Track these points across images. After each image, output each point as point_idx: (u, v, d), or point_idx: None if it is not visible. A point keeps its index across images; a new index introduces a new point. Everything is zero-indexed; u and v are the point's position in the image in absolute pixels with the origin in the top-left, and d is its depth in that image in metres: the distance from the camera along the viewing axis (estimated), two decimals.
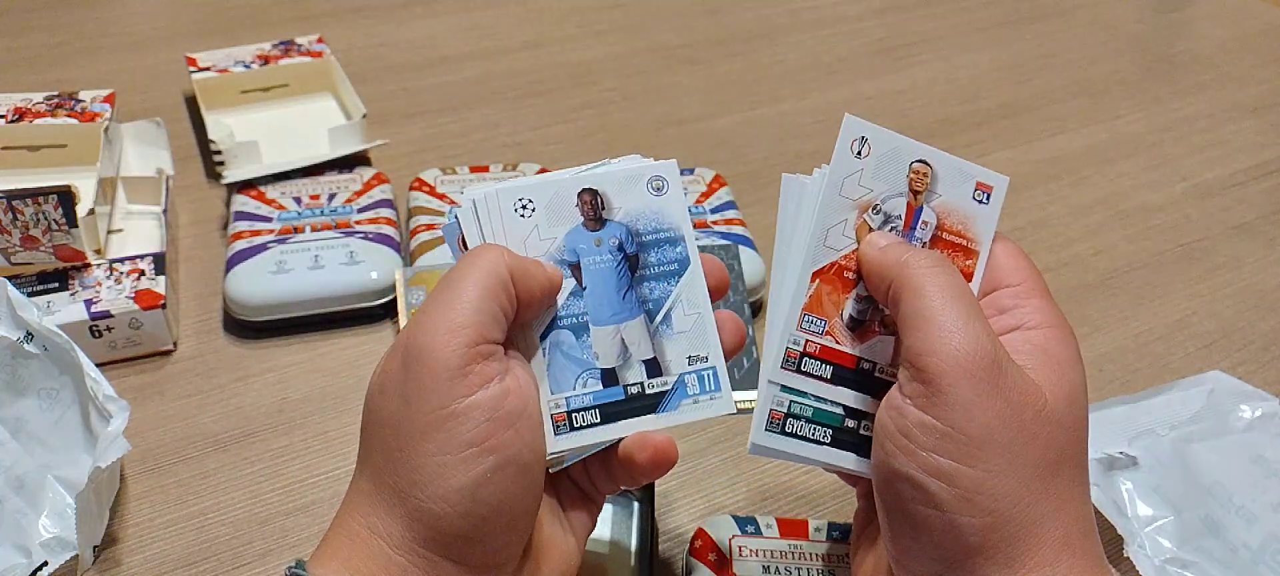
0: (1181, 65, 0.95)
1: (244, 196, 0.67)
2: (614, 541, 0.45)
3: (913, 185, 0.36)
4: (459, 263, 0.34)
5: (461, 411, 0.31)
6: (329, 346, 0.60)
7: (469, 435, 0.31)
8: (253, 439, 0.54)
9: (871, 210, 0.35)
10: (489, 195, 0.36)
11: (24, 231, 0.56)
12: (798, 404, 0.35)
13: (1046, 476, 0.31)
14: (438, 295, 0.33)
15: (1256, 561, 0.46)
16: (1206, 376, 0.53)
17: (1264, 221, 0.73)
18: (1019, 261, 0.36)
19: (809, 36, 0.99)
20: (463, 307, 0.32)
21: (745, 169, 0.77)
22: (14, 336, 0.49)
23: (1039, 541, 0.31)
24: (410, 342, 0.32)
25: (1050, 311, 0.34)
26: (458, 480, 0.31)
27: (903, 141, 0.36)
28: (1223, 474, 0.48)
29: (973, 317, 0.32)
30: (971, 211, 0.36)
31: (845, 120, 0.35)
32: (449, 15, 1.00)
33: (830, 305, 0.35)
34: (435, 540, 0.31)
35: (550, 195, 0.36)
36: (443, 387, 0.31)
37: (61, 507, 0.47)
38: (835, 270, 0.35)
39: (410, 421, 0.31)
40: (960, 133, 0.83)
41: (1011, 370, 0.32)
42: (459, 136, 0.81)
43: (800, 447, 0.35)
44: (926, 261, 0.33)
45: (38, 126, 0.67)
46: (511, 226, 0.36)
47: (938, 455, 0.31)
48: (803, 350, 0.35)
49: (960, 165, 0.36)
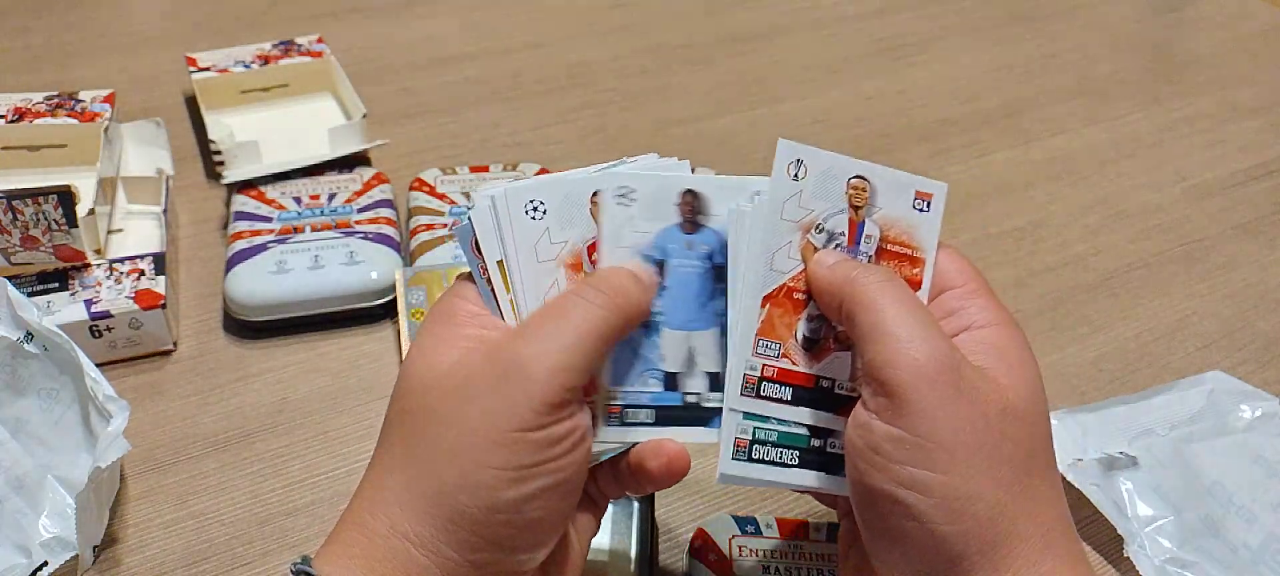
0: (1181, 65, 0.95)
1: (244, 196, 0.67)
2: (614, 542, 0.45)
3: (852, 201, 0.36)
4: (588, 291, 0.33)
5: (540, 441, 0.31)
6: (329, 346, 0.60)
7: (535, 458, 0.31)
8: (253, 439, 0.54)
9: (814, 229, 0.36)
10: (499, 195, 0.35)
11: (24, 231, 0.56)
12: (761, 429, 0.35)
13: (1020, 475, 0.31)
14: (557, 319, 0.32)
15: (1256, 561, 0.46)
16: (1206, 376, 0.53)
17: (1264, 221, 0.73)
18: (961, 264, 0.36)
19: (809, 36, 0.99)
20: (579, 351, 0.32)
21: (745, 169, 0.76)
22: (14, 336, 0.49)
23: (1020, 541, 0.31)
24: (515, 358, 0.32)
25: (996, 309, 0.35)
26: (510, 493, 0.31)
27: (837, 159, 0.36)
28: (1223, 474, 0.48)
29: (927, 326, 0.32)
30: (913, 220, 0.36)
31: (779, 145, 0.35)
32: (449, 15, 1.00)
33: (783, 327, 0.35)
34: (468, 543, 0.31)
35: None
36: (532, 417, 0.31)
37: (61, 507, 0.47)
38: (784, 292, 0.35)
39: (485, 431, 0.31)
40: (960, 133, 0.83)
41: (971, 372, 0.32)
42: (459, 136, 0.81)
43: (768, 472, 0.35)
44: (875, 276, 0.33)
45: (38, 126, 0.67)
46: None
47: (910, 466, 0.31)
48: (760, 375, 0.35)
49: (897, 177, 0.36)
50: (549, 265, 0.35)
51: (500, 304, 0.35)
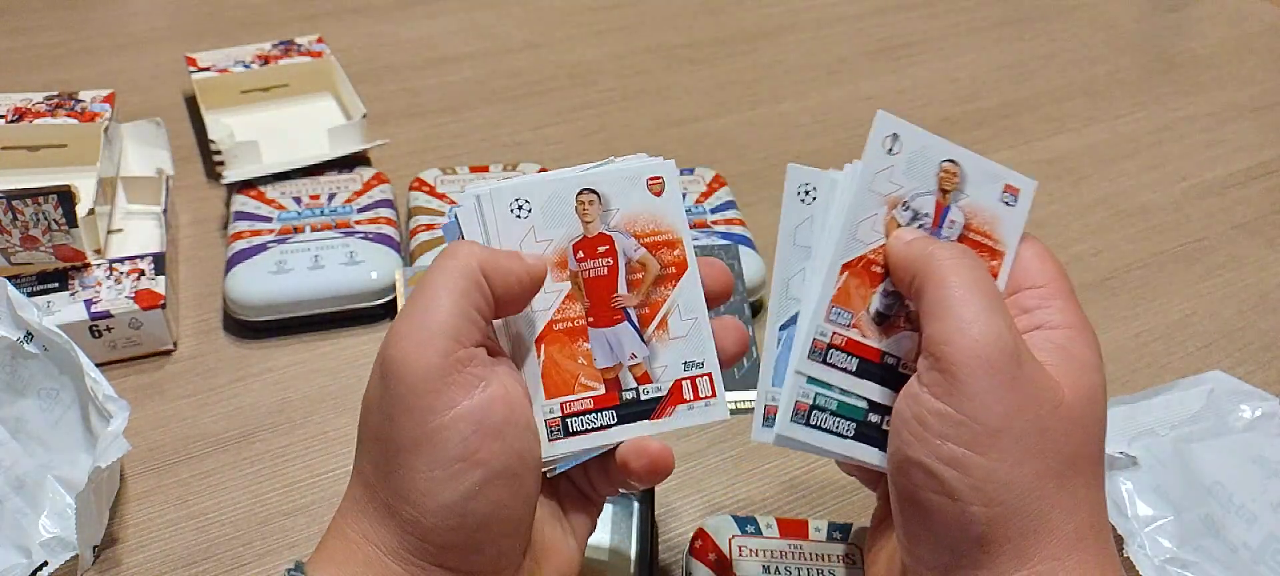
0: (1181, 65, 0.95)
1: (244, 196, 0.67)
2: (614, 542, 0.45)
3: (942, 184, 0.36)
4: (431, 264, 0.33)
5: (445, 425, 0.30)
6: (329, 346, 0.60)
7: (454, 450, 0.30)
8: (253, 439, 0.54)
9: (900, 206, 0.36)
10: (485, 195, 0.35)
11: (24, 231, 0.56)
12: (822, 396, 0.35)
13: (1061, 472, 0.31)
14: (411, 302, 0.32)
15: (1256, 561, 0.46)
16: (1206, 376, 0.53)
17: (1264, 221, 0.73)
18: (1046, 263, 0.36)
19: (809, 36, 0.99)
20: (435, 313, 0.31)
21: (745, 169, 0.77)
22: (14, 336, 0.49)
23: (1050, 536, 0.31)
24: (385, 355, 0.31)
25: (1073, 313, 0.34)
26: (446, 495, 0.30)
27: (933, 140, 0.36)
28: (1223, 474, 0.48)
29: (994, 310, 0.32)
30: (998, 213, 0.36)
31: (878, 116, 0.35)
32: (449, 15, 1.01)
33: (857, 298, 0.35)
34: (428, 551, 0.31)
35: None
36: (420, 401, 0.30)
37: (61, 507, 0.47)
38: (863, 264, 0.35)
39: (394, 438, 0.31)
40: (960, 133, 0.83)
41: (1030, 364, 0.31)
42: (459, 136, 0.81)
43: (824, 440, 0.35)
44: (951, 253, 0.33)
45: (38, 126, 0.67)
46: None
47: (951, 443, 0.31)
48: (829, 342, 0.35)
49: (989, 167, 0.36)
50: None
51: None
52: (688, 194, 0.68)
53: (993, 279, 0.34)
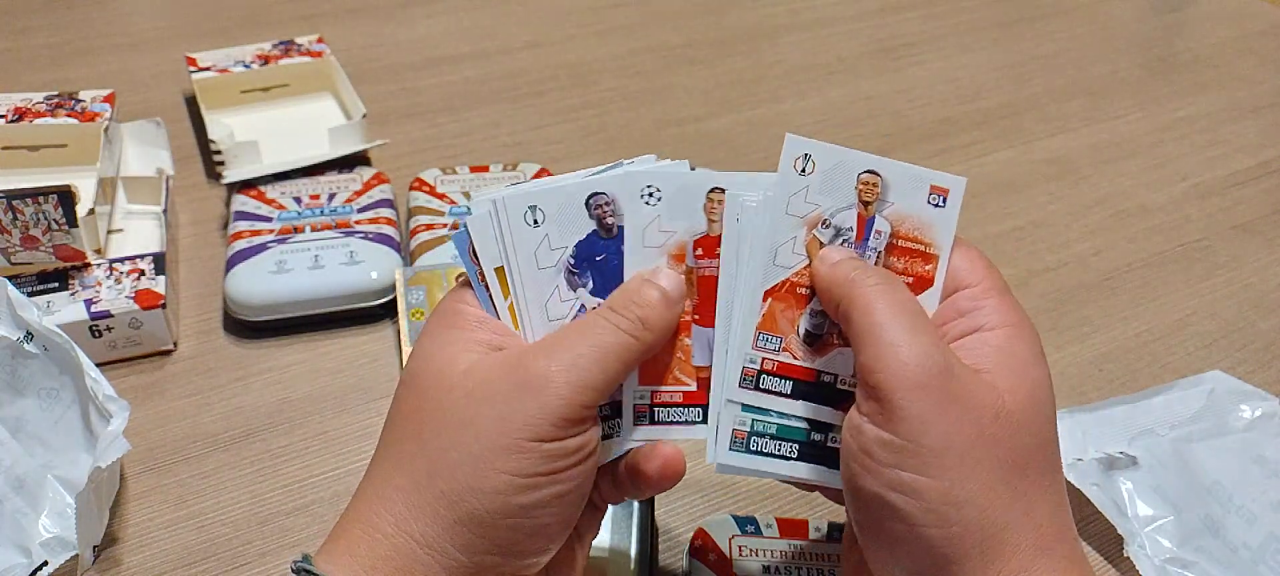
0: (1181, 65, 0.95)
1: (244, 196, 0.67)
2: (615, 541, 0.45)
3: (862, 196, 0.36)
4: (613, 314, 0.33)
5: (553, 453, 0.32)
6: (329, 346, 0.60)
7: (547, 467, 0.32)
8: (253, 439, 0.54)
9: (821, 225, 0.35)
10: (497, 201, 0.35)
11: (24, 231, 0.56)
12: (760, 421, 0.35)
13: (1012, 479, 0.31)
14: (581, 339, 0.33)
15: (1256, 561, 0.46)
16: (1206, 376, 0.53)
17: (1264, 221, 0.73)
18: (976, 263, 0.36)
19: (809, 36, 0.99)
20: (601, 372, 0.32)
21: (745, 169, 0.76)
22: (14, 336, 0.49)
23: (1012, 545, 0.31)
24: (540, 372, 0.32)
25: (1009, 310, 0.34)
26: (520, 499, 0.31)
27: (847, 154, 0.36)
28: (1223, 474, 0.48)
29: (919, 330, 0.32)
30: (928, 216, 0.36)
31: (787, 139, 0.35)
32: (449, 15, 1.01)
33: (785, 322, 0.35)
34: (475, 546, 0.31)
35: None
36: (550, 430, 0.31)
37: (61, 507, 0.47)
38: (787, 287, 0.35)
39: (499, 436, 0.31)
40: (960, 133, 0.83)
41: (964, 376, 0.31)
42: (459, 136, 0.81)
43: (768, 464, 0.35)
44: (873, 278, 0.33)
45: (38, 126, 0.67)
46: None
47: (899, 470, 0.31)
48: (759, 368, 0.35)
49: (912, 171, 0.36)
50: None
51: (498, 309, 0.35)
52: None
53: (916, 298, 0.34)
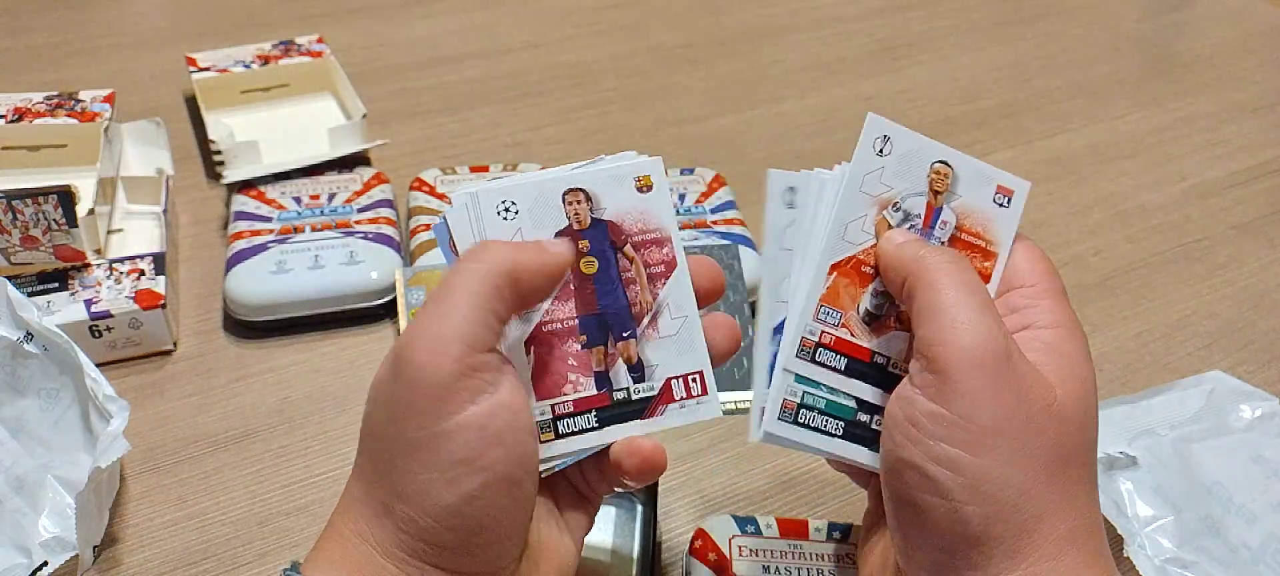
0: (1181, 65, 0.95)
1: (244, 196, 0.67)
2: (616, 544, 0.44)
3: (933, 185, 0.36)
4: (457, 263, 0.33)
5: (449, 430, 0.30)
6: (329, 346, 0.60)
7: (456, 453, 0.30)
8: (253, 439, 0.54)
9: (891, 207, 0.36)
10: (473, 195, 0.35)
11: (24, 231, 0.56)
12: (811, 394, 0.35)
13: (1053, 471, 0.31)
14: (430, 302, 0.32)
15: (1256, 561, 0.46)
16: (1206, 376, 0.53)
17: (1264, 221, 0.73)
18: (1037, 264, 0.36)
19: (809, 36, 0.99)
20: (454, 318, 0.31)
21: (745, 169, 0.77)
22: (14, 336, 0.49)
23: (1043, 535, 0.31)
24: (399, 355, 0.31)
25: (1062, 312, 0.34)
26: (445, 498, 0.30)
27: (925, 142, 0.36)
28: (1223, 474, 0.48)
29: (985, 312, 0.32)
30: (991, 214, 0.36)
31: (868, 118, 0.35)
32: (449, 15, 1.01)
33: (847, 298, 0.36)
34: (423, 551, 0.31)
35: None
36: (429, 405, 0.30)
37: (61, 507, 0.47)
38: (853, 264, 0.36)
39: (397, 436, 0.31)
40: (960, 133, 0.83)
41: (1022, 365, 0.32)
42: (459, 136, 0.81)
43: (812, 438, 0.35)
44: (942, 257, 0.33)
45: (38, 126, 0.67)
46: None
47: (945, 443, 0.31)
48: (818, 341, 0.35)
49: (982, 168, 0.36)
50: None
51: None
52: (687, 194, 0.68)
53: (983, 282, 0.34)
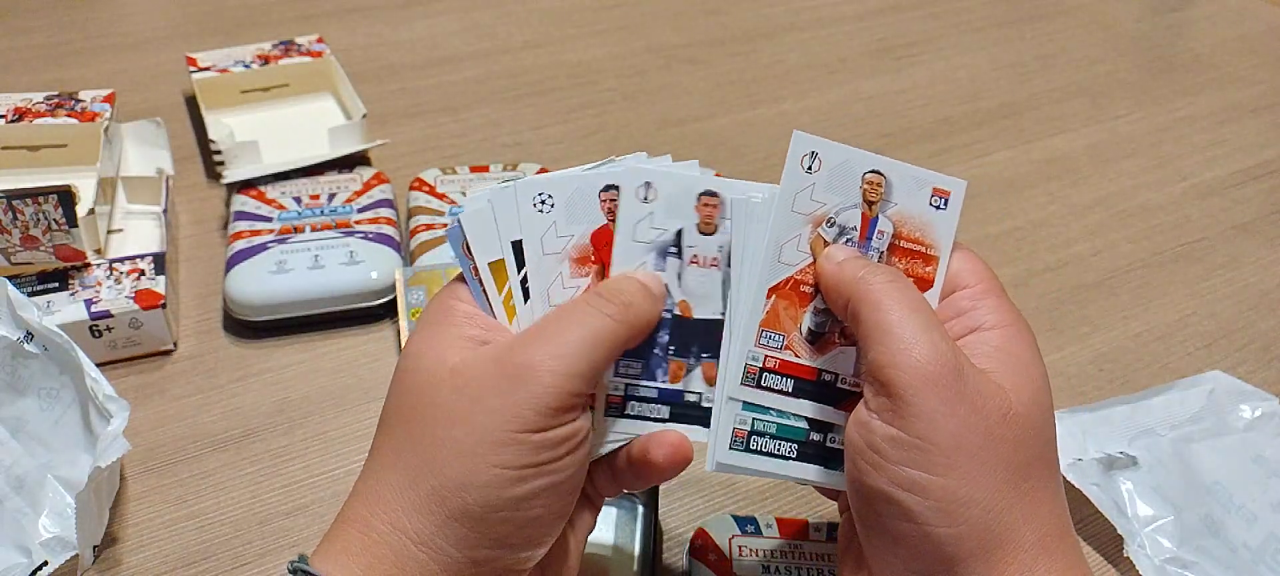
0: (1181, 65, 0.95)
1: (244, 196, 0.67)
2: (617, 543, 0.44)
3: (866, 196, 0.36)
4: (599, 300, 0.33)
5: (543, 443, 0.32)
6: (329, 346, 0.60)
7: (537, 459, 0.32)
8: (253, 439, 0.54)
9: (825, 223, 0.35)
10: (504, 190, 0.35)
11: (24, 231, 0.56)
12: (760, 420, 0.35)
13: (1018, 479, 0.31)
14: (566, 325, 0.33)
15: (1256, 561, 0.46)
16: (1206, 376, 0.53)
17: (1264, 221, 0.73)
18: (974, 265, 0.36)
19: (809, 36, 0.99)
20: (586, 359, 0.32)
21: (745, 169, 0.77)
22: (14, 336, 0.49)
23: (1016, 545, 0.31)
24: (525, 362, 0.32)
25: (1006, 310, 0.35)
26: (512, 492, 0.31)
27: (853, 153, 0.36)
28: (1223, 474, 0.48)
29: (931, 328, 0.32)
30: (929, 217, 0.36)
31: (794, 137, 0.35)
32: (449, 15, 1.01)
33: (787, 320, 0.35)
34: (468, 540, 0.32)
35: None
36: (537, 419, 0.31)
37: (61, 507, 0.47)
38: (791, 284, 0.35)
39: (490, 430, 0.31)
40: (960, 133, 0.83)
41: (973, 376, 0.32)
42: (459, 136, 0.81)
43: (766, 463, 0.35)
44: (883, 276, 0.33)
45: (38, 126, 0.67)
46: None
47: (908, 468, 0.31)
48: (762, 366, 0.35)
49: (915, 172, 0.36)
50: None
51: (492, 304, 0.35)
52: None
53: (924, 299, 0.34)
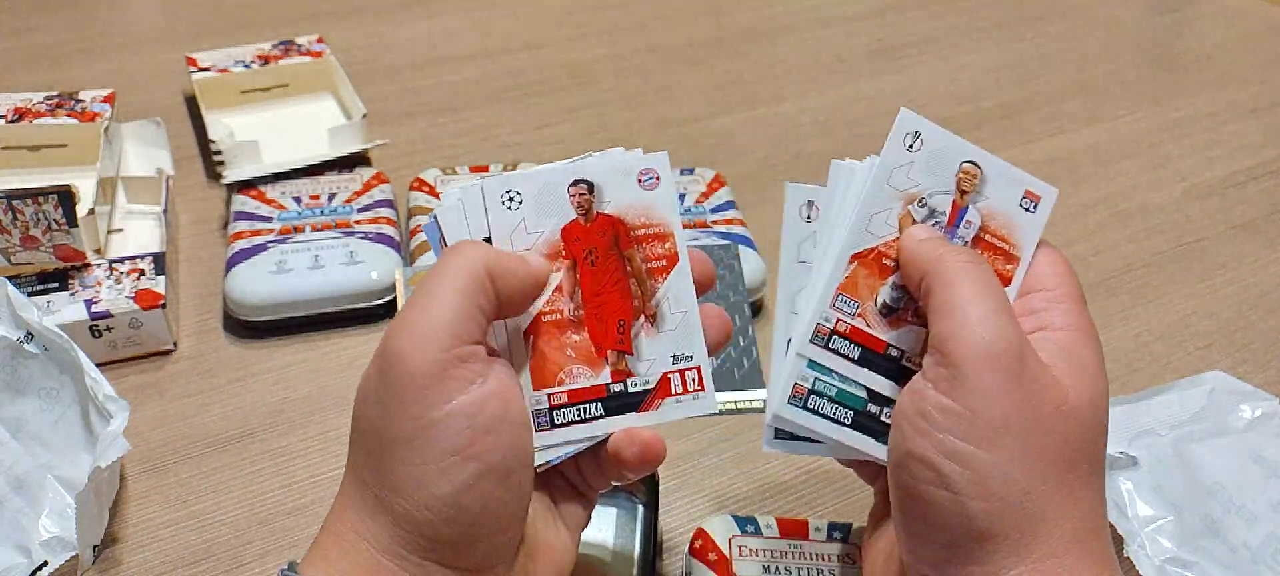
0: (1181, 65, 0.95)
1: (244, 196, 0.67)
2: (617, 544, 0.44)
3: (960, 184, 0.36)
4: (437, 262, 0.33)
5: (439, 420, 0.31)
6: (329, 346, 0.60)
7: (448, 443, 0.31)
8: (253, 439, 0.54)
9: (917, 203, 0.36)
10: (474, 188, 0.35)
11: (24, 231, 0.56)
12: (822, 381, 0.35)
13: (1061, 471, 0.31)
14: (415, 297, 0.32)
15: (1256, 561, 0.46)
16: (1206, 376, 0.53)
17: (1264, 221, 0.73)
18: (1058, 269, 0.36)
19: (809, 36, 0.99)
20: (439, 310, 0.31)
21: (745, 169, 0.77)
22: (14, 336, 0.49)
23: (1048, 533, 0.31)
24: (386, 348, 0.31)
25: (1079, 317, 0.35)
26: (439, 488, 0.31)
27: (955, 141, 0.36)
28: (1223, 474, 0.48)
29: (1001, 311, 0.32)
30: (1017, 218, 0.37)
31: (901, 113, 0.36)
32: (449, 15, 1.01)
33: (865, 288, 0.36)
34: (420, 545, 0.31)
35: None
36: (419, 395, 0.31)
37: (61, 507, 0.47)
38: (874, 255, 0.36)
39: (388, 430, 0.31)
40: (960, 133, 0.83)
41: (1035, 365, 0.32)
42: (459, 136, 0.81)
43: (821, 425, 0.35)
44: (962, 257, 0.34)
45: (38, 126, 0.67)
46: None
47: (954, 437, 0.31)
48: (833, 328, 0.35)
49: (1011, 171, 0.37)
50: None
51: None
52: (687, 194, 0.68)
53: (1001, 284, 0.34)
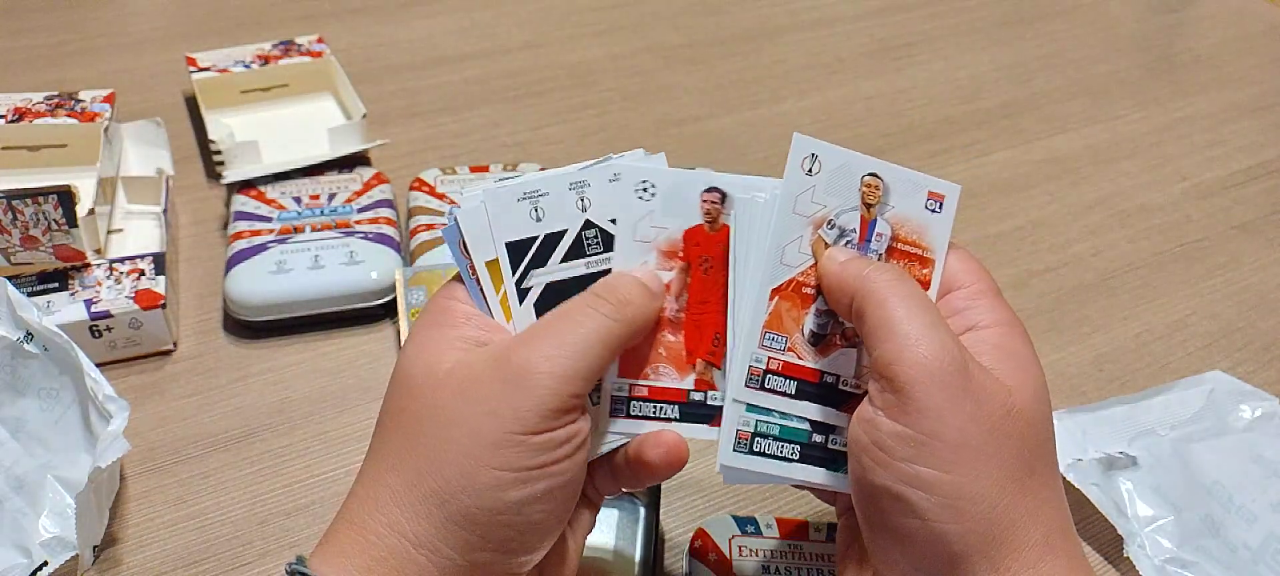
0: (1181, 65, 0.95)
1: (244, 196, 0.67)
2: (618, 544, 0.44)
3: (865, 198, 0.36)
4: (597, 300, 0.33)
5: (542, 444, 0.32)
6: (329, 346, 0.60)
7: (537, 460, 0.32)
8: (253, 439, 0.54)
9: (826, 225, 0.36)
10: (497, 190, 0.35)
11: (24, 231, 0.56)
12: (763, 422, 0.36)
13: (1022, 476, 0.31)
14: (564, 326, 0.33)
15: (1256, 561, 0.46)
16: (1206, 376, 0.53)
17: (1264, 221, 0.73)
18: (969, 265, 0.36)
19: (809, 36, 0.99)
20: (585, 359, 0.32)
21: (745, 169, 0.76)
22: (14, 336, 0.49)
23: (1021, 542, 0.31)
24: (524, 363, 0.32)
25: (1001, 309, 0.35)
26: (513, 495, 0.31)
27: (852, 156, 0.36)
28: (1223, 474, 0.48)
29: (937, 325, 0.32)
30: (925, 220, 0.36)
31: (794, 139, 0.36)
32: (449, 15, 1.00)
33: (790, 321, 0.36)
34: (468, 543, 0.31)
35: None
36: (537, 421, 0.31)
37: (61, 507, 0.47)
38: (794, 286, 0.36)
39: (489, 432, 0.31)
40: (960, 133, 0.83)
41: (978, 372, 0.32)
42: (459, 136, 0.81)
43: (769, 466, 0.36)
44: (888, 274, 0.34)
45: (38, 126, 0.67)
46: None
47: (914, 464, 0.31)
48: (765, 367, 0.35)
49: (911, 176, 0.36)
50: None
51: (489, 303, 0.35)
52: None
53: (927, 295, 0.34)
